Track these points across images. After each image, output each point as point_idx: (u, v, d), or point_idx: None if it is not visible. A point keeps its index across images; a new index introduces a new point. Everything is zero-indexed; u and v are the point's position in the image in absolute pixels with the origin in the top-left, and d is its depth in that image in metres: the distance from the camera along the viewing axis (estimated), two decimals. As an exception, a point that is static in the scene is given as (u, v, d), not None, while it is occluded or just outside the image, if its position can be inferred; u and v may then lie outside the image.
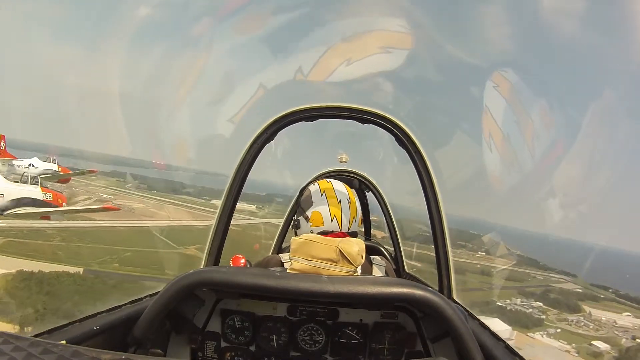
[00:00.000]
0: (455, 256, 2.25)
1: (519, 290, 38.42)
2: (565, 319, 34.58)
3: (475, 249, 40.97)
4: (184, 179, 51.47)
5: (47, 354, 0.71)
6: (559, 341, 31.31)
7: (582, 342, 31.60)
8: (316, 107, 2.39)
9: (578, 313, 35.68)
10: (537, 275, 42.59)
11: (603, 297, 38.91)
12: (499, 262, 39.47)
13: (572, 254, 60.46)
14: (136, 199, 46.32)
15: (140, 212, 42.51)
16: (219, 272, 1.32)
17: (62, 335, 1.26)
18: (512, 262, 41.96)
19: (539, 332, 32.03)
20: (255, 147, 2.42)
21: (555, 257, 47.68)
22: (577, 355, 29.93)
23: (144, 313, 1.33)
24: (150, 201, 46.37)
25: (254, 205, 45.90)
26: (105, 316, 1.47)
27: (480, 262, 39.83)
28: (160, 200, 47.27)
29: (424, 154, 2.33)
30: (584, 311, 35.91)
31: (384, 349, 1.50)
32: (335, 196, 1.83)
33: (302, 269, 1.46)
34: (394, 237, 4.70)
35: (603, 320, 34.59)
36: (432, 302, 1.21)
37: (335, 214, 1.79)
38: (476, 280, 36.65)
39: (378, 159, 4.96)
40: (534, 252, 48.60)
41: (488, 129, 3.08)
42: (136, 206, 43.65)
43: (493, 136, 3.12)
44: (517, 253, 45.19)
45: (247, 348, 1.56)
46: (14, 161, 25.36)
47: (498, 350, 1.47)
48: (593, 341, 31.47)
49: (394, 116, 2.35)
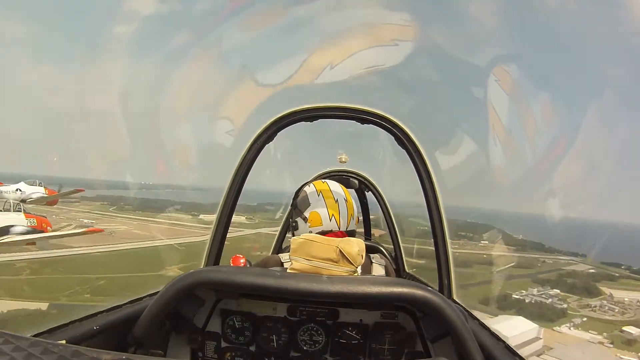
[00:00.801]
0: (458, 248, 2.24)
1: (532, 278, 36.64)
2: (588, 305, 32.59)
3: (477, 238, 39.54)
4: (171, 196, 50.68)
5: (48, 354, 0.71)
6: (589, 332, 29.10)
7: (613, 330, 29.64)
8: (316, 107, 2.39)
9: (599, 296, 33.73)
10: (546, 259, 40.79)
11: (618, 275, 37.08)
12: (503, 249, 38.10)
13: (574, 234, 58.34)
14: (119, 221, 44.87)
15: (122, 234, 40.60)
16: (218, 272, 1.32)
17: (62, 335, 1.26)
18: (517, 248, 40.70)
19: (565, 324, 30.07)
20: (255, 148, 2.41)
21: (558, 238, 45.92)
22: (611, 346, 27.76)
23: (144, 313, 1.33)
24: (134, 222, 45.09)
25: (244, 216, 44.55)
26: (105, 316, 1.47)
27: (485, 252, 38.27)
28: (145, 220, 45.91)
29: (424, 154, 2.33)
30: (604, 293, 34.01)
31: (384, 349, 1.50)
32: (332, 196, 1.85)
33: (302, 269, 1.47)
34: (394, 237, 4.70)
35: (626, 301, 32.74)
36: (432, 302, 1.22)
37: (333, 214, 1.81)
38: (485, 272, 35.19)
39: (378, 159, 4.96)
40: (536, 235, 46.98)
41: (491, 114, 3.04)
42: (118, 228, 41.91)
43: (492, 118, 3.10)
44: (520, 238, 43.66)
45: (247, 348, 1.56)
46: (1, 187, 25.21)
47: (498, 350, 1.47)
48: (624, 327, 29.43)
49: (394, 116, 2.35)
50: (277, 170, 5.49)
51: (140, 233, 41.67)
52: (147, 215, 47.26)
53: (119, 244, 37.60)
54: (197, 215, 44.23)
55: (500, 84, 3.37)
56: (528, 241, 44.25)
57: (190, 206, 47.78)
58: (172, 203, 50.52)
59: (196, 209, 46.38)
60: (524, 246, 42.38)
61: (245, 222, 43.63)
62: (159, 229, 43.72)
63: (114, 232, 40.14)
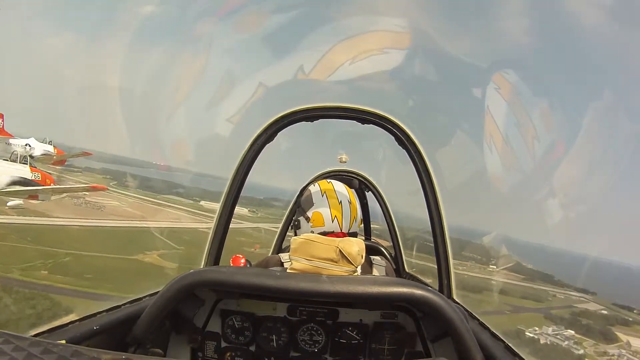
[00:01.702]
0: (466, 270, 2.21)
1: (544, 313, 34.24)
2: (605, 352, 29.73)
3: (485, 261, 36.98)
4: (180, 179, 48.74)
5: (48, 354, 0.71)
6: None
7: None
8: (316, 107, 2.39)
9: (615, 343, 31.13)
10: (557, 294, 38.70)
11: (632, 320, 34.56)
12: (512, 277, 36.01)
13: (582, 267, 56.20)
14: (114, 196, 42.02)
15: (111, 210, 37.68)
16: (218, 272, 1.32)
17: (62, 335, 1.26)
18: (524, 277, 38.51)
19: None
20: (255, 148, 2.41)
21: (566, 271, 44.16)
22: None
23: (144, 313, 1.33)
24: (129, 199, 42.66)
25: (247, 209, 43.22)
26: (105, 316, 1.47)
27: (493, 278, 36.14)
28: (142, 199, 43.64)
29: (424, 154, 2.33)
30: (620, 340, 31.56)
31: (384, 349, 1.50)
32: (336, 197, 1.84)
33: (302, 269, 1.47)
34: (394, 237, 4.71)
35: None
36: (432, 302, 1.22)
37: (336, 215, 1.80)
38: (495, 300, 32.89)
39: (378, 159, 4.96)
40: (543, 264, 45.30)
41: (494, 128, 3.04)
42: (109, 203, 38.83)
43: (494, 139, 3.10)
44: (529, 267, 41.49)
45: (247, 348, 1.56)
46: (11, 140, 25.32)
47: (498, 350, 1.47)
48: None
49: (394, 116, 2.35)
50: (278, 170, 5.48)
51: (132, 212, 39.47)
52: (147, 195, 45.16)
53: (103, 220, 34.69)
54: (198, 201, 42.85)
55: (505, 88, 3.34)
56: (537, 271, 42.29)
57: (196, 192, 46.03)
58: (177, 186, 48.71)
59: (200, 195, 44.94)
60: (532, 276, 40.42)
61: (248, 214, 42.61)
62: (154, 210, 41.64)
63: (104, 207, 37.70)
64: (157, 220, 38.97)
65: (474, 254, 35.77)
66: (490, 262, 36.67)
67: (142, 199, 43.71)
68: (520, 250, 56.64)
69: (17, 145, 25.09)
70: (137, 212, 39.63)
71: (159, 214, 40.99)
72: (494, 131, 3.08)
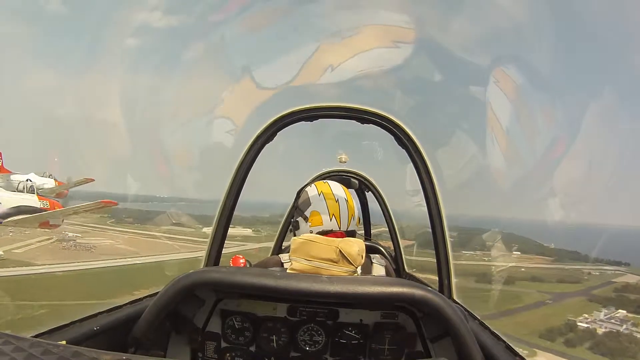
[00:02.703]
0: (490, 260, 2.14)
1: (586, 295, 30.72)
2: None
3: (507, 249, 32.67)
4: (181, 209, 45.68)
5: (48, 355, 0.71)
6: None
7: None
8: (316, 107, 2.39)
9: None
10: (591, 271, 34.72)
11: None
12: (539, 261, 33.34)
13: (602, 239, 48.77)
14: (109, 234, 38.81)
15: (103, 250, 34.32)
16: (218, 272, 1.32)
17: (62, 336, 1.26)
18: (553, 259, 35.41)
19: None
20: (255, 148, 2.42)
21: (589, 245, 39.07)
22: None
23: (144, 313, 1.33)
24: (124, 236, 38.82)
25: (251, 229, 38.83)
26: (105, 316, 1.47)
27: (522, 265, 32.91)
28: (138, 234, 39.78)
29: (424, 154, 2.33)
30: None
31: (384, 349, 1.50)
32: (333, 196, 1.86)
33: (302, 269, 1.47)
34: (394, 237, 4.71)
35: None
36: (432, 302, 1.22)
37: (333, 214, 1.82)
38: (531, 290, 29.71)
39: (378, 158, 4.96)
40: (565, 243, 40.69)
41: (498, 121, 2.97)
42: (101, 243, 35.48)
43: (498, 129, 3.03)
44: (552, 247, 37.87)
45: (247, 348, 1.55)
46: (12, 176, 25.41)
47: (498, 350, 1.47)
48: None
49: (394, 116, 2.35)
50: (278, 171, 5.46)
51: (125, 248, 36.05)
52: (146, 228, 42.06)
53: (92, 262, 31.48)
54: (200, 229, 38.91)
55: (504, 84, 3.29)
56: (562, 250, 38.08)
57: (199, 219, 42.09)
58: (178, 216, 44.97)
59: (202, 222, 40.71)
60: (559, 256, 36.84)
61: (252, 235, 38.71)
62: (151, 244, 37.88)
63: (94, 247, 34.81)
64: (150, 254, 35.31)
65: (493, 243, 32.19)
66: (512, 248, 33.28)
67: (138, 233, 40.38)
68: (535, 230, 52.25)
69: (18, 181, 25.16)
70: (131, 248, 35.99)
71: (155, 247, 37.22)
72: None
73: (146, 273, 29.79)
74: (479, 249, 31.27)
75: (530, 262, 33.79)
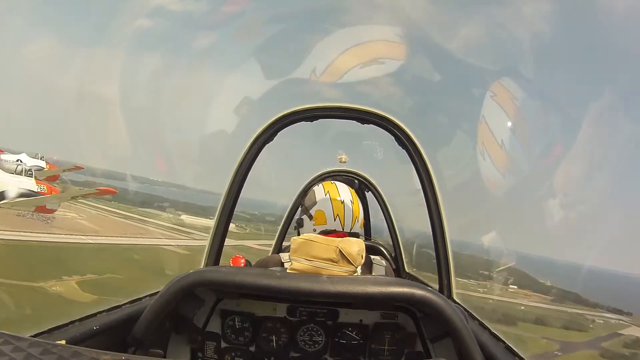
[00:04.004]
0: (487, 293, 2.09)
1: (598, 349, 26.88)
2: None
3: (503, 281, 29.18)
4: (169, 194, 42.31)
5: (47, 354, 0.71)
6: None
7: None
8: (316, 107, 2.39)
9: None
10: (594, 318, 31.24)
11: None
12: (538, 299, 30.26)
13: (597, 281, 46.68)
14: (77, 208, 32.39)
15: (61, 223, 28.76)
16: (218, 272, 1.32)
17: (61, 335, 1.26)
18: (552, 299, 32.20)
19: None
20: (255, 148, 2.42)
21: (585, 287, 35.59)
22: None
23: (144, 313, 1.33)
24: (92, 212, 33.16)
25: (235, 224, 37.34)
26: (105, 316, 1.47)
27: (521, 302, 29.83)
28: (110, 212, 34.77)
29: (424, 154, 2.33)
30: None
31: (384, 350, 1.50)
32: (338, 196, 1.87)
33: (302, 269, 1.47)
34: (394, 237, 4.71)
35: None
36: (432, 302, 1.22)
37: (338, 214, 1.82)
38: (536, 334, 25.82)
39: (378, 158, 4.96)
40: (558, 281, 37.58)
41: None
42: (63, 215, 29.64)
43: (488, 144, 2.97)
44: (548, 284, 34.74)
45: (247, 348, 1.55)
46: (2, 155, 24.86)
47: (498, 350, 1.47)
48: None
49: (394, 116, 2.36)
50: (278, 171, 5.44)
51: (85, 225, 31.04)
52: (122, 208, 37.30)
53: (38, 233, 25.28)
54: (179, 215, 36.20)
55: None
56: (557, 289, 34.76)
57: (183, 206, 39.51)
58: (161, 200, 41.93)
59: (186, 209, 38.24)
60: (558, 296, 33.58)
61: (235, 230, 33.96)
62: (120, 224, 33.28)
63: (52, 219, 29.21)
64: (112, 236, 30.57)
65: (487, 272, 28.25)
66: (508, 281, 30.14)
67: (111, 211, 35.64)
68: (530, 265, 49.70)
69: (8, 161, 24.58)
70: (93, 226, 31.37)
71: (122, 230, 32.65)
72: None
73: (86, 256, 24.58)
74: (473, 277, 27.16)
75: (528, 299, 30.51)
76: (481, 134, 2.72)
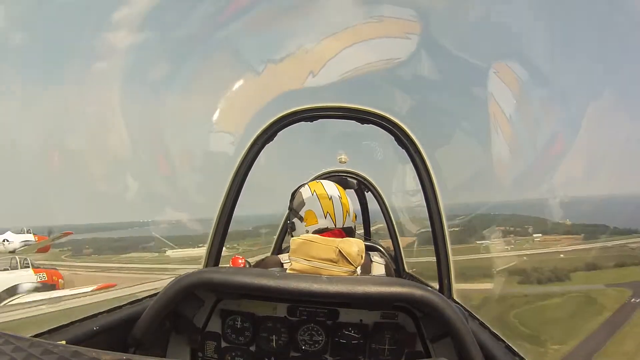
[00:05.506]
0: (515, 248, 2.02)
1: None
2: None
3: (523, 232, 28.53)
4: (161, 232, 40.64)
5: (48, 355, 0.71)
6: None
7: None
8: (316, 107, 2.39)
9: None
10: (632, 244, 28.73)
11: None
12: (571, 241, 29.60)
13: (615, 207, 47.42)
14: None
15: None
16: (218, 272, 1.32)
17: (62, 336, 1.27)
18: (582, 237, 31.46)
19: None
20: (255, 148, 2.42)
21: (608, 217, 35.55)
22: None
23: (144, 313, 1.33)
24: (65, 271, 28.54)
25: None
26: (105, 316, 1.47)
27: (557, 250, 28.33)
28: (85, 267, 29.83)
29: (424, 154, 2.33)
30: None
31: (384, 349, 1.50)
32: (326, 195, 1.89)
33: (302, 269, 1.47)
34: (394, 237, 4.71)
35: None
36: (432, 302, 1.22)
37: (328, 211, 1.84)
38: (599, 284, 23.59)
39: (378, 158, 4.95)
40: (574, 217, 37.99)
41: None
42: None
43: None
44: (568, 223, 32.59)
45: (247, 348, 1.56)
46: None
47: (498, 350, 1.47)
48: None
49: (394, 116, 2.36)
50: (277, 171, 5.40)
51: None
52: (104, 259, 34.51)
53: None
54: (163, 252, 31.94)
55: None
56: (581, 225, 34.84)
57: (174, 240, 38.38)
58: (149, 240, 35.53)
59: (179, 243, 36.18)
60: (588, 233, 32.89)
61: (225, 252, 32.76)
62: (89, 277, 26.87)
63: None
64: None
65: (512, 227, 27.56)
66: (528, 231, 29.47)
67: (85, 265, 31.28)
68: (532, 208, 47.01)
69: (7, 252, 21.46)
70: None
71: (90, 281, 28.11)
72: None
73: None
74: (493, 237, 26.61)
75: (559, 244, 29.24)
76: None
